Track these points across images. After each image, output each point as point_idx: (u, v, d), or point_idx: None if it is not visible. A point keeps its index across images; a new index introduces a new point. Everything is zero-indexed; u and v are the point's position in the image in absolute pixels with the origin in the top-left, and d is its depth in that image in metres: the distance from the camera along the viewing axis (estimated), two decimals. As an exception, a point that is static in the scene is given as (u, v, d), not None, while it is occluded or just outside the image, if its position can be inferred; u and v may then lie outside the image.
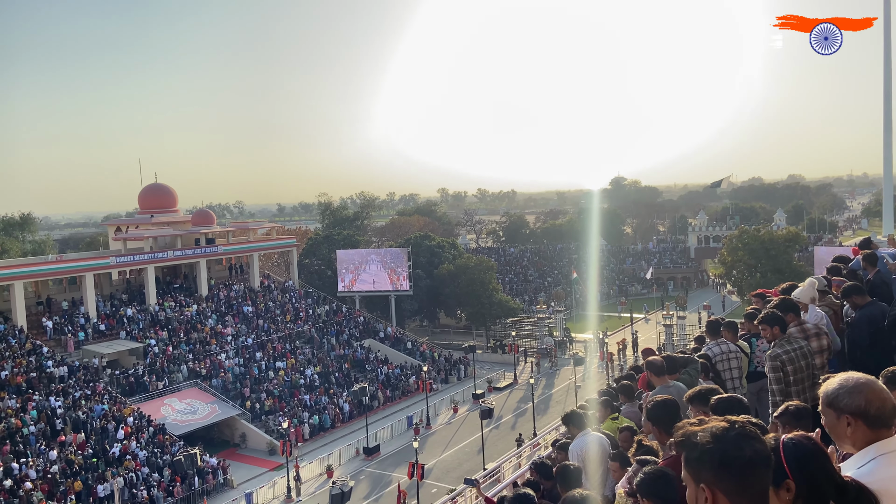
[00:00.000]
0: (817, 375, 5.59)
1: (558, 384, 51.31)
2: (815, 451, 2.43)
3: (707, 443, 2.04)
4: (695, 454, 2.06)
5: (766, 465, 2.04)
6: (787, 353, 5.70)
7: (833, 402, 2.72)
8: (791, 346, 5.78)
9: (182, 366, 42.89)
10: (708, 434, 2.05)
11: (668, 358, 7.29)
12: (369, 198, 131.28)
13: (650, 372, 7.50)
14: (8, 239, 69.48)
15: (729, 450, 2.00)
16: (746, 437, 2.03)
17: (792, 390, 5.64)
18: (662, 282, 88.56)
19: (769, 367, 5.79)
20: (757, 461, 2.01)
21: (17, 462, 31.13)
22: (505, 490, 13.91)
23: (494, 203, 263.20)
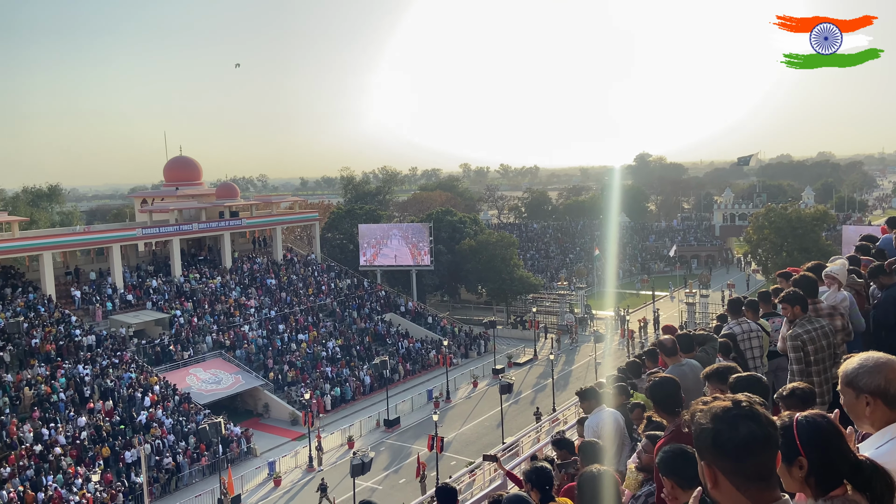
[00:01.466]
0: (839, 355, 5.53)
1: (578, 360, 51.36)
2: (829, 429, 2.41)
3: (706, 422, 2.05)
4: (696, 433, 2.08)
5: (764, 446, 2.02)
6: (807, 333, 5.63)
7: (852, 381, 2.70)
8: (812, 326, 5.71)
9: (207, 336, 43.64)
10: (707, 414, 2.06)
11: (684, 336, 7.26)
12: (391, 172, 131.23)
13: (661, 351, 7.49)
14: (36, 210, 70.77)
15: (723, 430, 2.00)
16: (744, 417, 2.01)
17: (812, 370, 5.58)
18: (686, 260, 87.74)
19: (790, 346, 5.73)
20: (752, 442, 2.00)
21: (46, 428, 32.08)
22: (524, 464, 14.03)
23: (517, 179, 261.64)
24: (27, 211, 64.88)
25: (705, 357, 6.91)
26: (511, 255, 63.55)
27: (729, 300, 9.04)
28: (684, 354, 6.79)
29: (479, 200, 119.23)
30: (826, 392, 5.53)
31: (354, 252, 64.50)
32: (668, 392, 4.43)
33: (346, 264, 61.56)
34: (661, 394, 4.44)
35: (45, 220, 68.91)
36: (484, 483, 22.54)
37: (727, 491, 2.02)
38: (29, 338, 37.32)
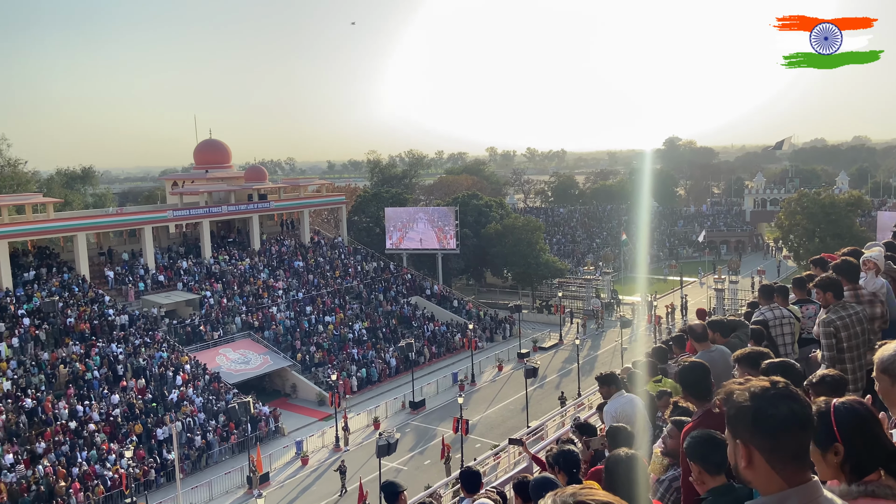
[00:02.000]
0: (873, 341, 5.44)
1: (604, 346, 51.17)
2: (867, 416, 2.40)
3: (744, 400, 2.05)
4: (732, 411, 2.08)
5: (803, 427, 2.03)
6: (841, 319, 5.54)
7: (888, 368, 2.67)
8: (846, 312, 5.62)
9: (236, 317, 44.32)
10: (746, 392, 2.06)
11: (718, 322, 7.19)
12: (418, 156, 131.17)
13: (691, 337, 7.43)
14: (70, 192, 72.12)
15: (764, 408, 2.00)
16: (784, 397, 2.02)
17: (846, 357, 5.50)
18: (715, 245, 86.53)
19: (822, 332, 5.66)
20: (792, 421, 2.00)
21: (81, 405, 32.97)
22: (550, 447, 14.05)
23: (543, 163, 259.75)
24: (61, 193, 66.15)
25: (738, 343, 6.84)
26: (537, 240, 63.30)
27: (760, 286, 8.93)
28: (716, 340, 6.73)
29: (505, 184, 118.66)
30: (860, 379, 5.46)
31: (381, 235, 64.78)
32: (699, 377, 4.40)
33: (372, 247, 61.89)
34: (691, 378, 4.41)
35: (78, 202, 70.27)
36: (508, 466, 22.70)
37: (762, 470, 2.02)
38: (64, 317, 38.27)
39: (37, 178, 72.44)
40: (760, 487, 2.06)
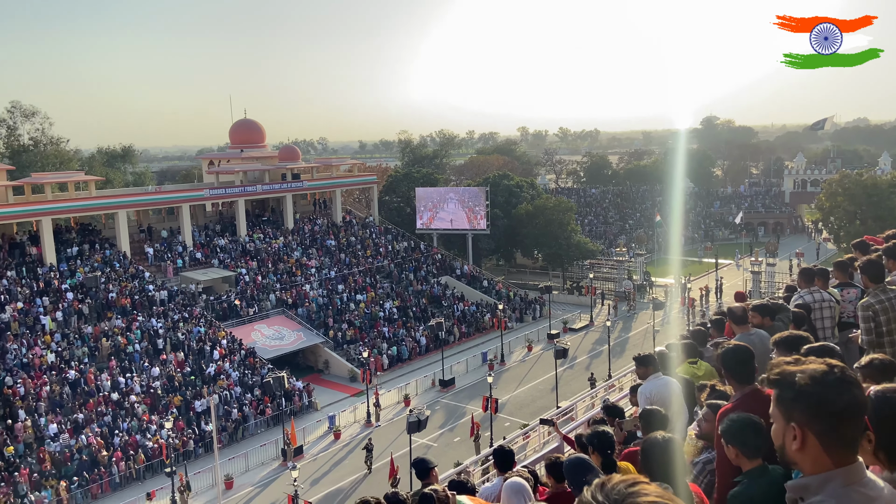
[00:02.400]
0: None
1: (636, 328, 50.85)
2: None
3: (805, 384, 2.01)
4: (790, 394, 2.04)
5: (862, 413, 2.03)
6: (880, 303, 5.51)
7: None
8: (886, 296, 5.57)
9: (270, 294, 45.10)
10: (807, 376, 2.02)
11: (763, 305, 7.14)
12: (449, 136, 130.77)
13: (730, 319, 7.39)
14: (111, 170, 73.65)
15: (828, 394, 1.98)
16: (846, 383, 2.00)
17: (885, 340, 5.47)
18: (752, 227, 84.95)
19: (861, 316, 5.62)
20: (854, 408, 2.00)
21: (123, 377, 34.01)
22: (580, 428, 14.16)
23: (576, 143, 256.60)
24: (102, 171, 67.63)
25: (780, 327, 6.79)
26: (568, 221, 62.87)
27: (801, 269, 8.82)
28: (764, 324, 6.69)
29: (536, 164, 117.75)
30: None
31: (411, 215, 64.99)
32: (742, 360, 4.37)
33: (403, 227, 62.16)
34: (734, 361, 4.39)
35: (119, 180, 71.80)
36: (538, 445, 22.85)
37: (814, 453, 2.02)
38: (106, 292, 39.37)
39: (78, 157, 74.10)
40: (806, 468, 2.06)
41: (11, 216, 40.52)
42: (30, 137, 66.96)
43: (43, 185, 43.78)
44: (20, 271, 38.91)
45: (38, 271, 39.47)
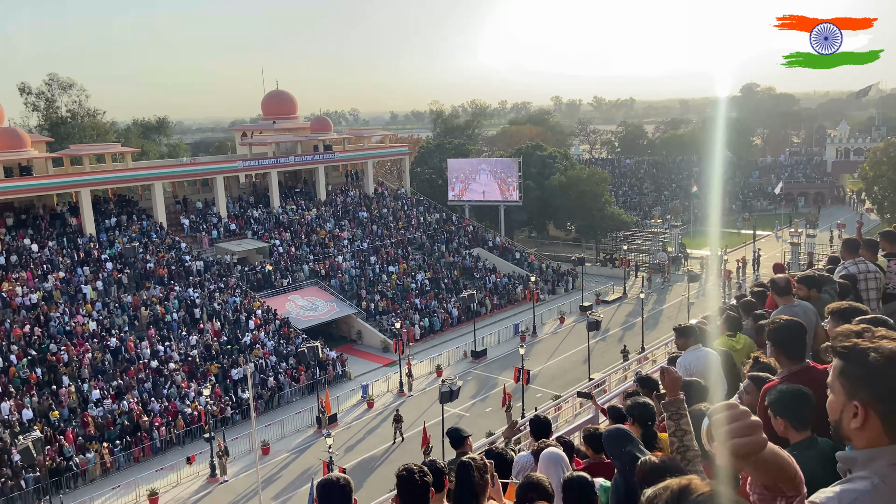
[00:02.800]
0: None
1: (670, 300, 50.26)
2: None
3: (879, 364, 1.88)
4: (860, 371, 1.91)
5: None
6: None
7: None
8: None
9: (304, 266, 45.57)
10: (882, 355, 1.88)
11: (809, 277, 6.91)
12: (481, 106, 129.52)
13: (773, 291, 7.18)
14: (146, 142, 74.74)
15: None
16: None
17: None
18: (792, 197, 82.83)
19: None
20: None
21: (162, 345, 34.84)
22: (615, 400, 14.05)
23: (611, 112, 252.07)
24: (138, 143, 68.65)
25: (826, 299, 6.56)
26: (602, 192, 62.04)
27: (845, 239, 8.52)
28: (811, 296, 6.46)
29: (570, 135, 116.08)
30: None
31: (443, 187, 64.77)
32: (795, 336, 4.20)
33: (434, 199, 62.03)
34: (788, 337, 4.21)
35: (154, 152, 72.85)
36: (570, 417, 22.84)
37: (874, 433, 1.92)
38: (144, 262, 40.19)
39: (115, 129, 75.23)
40: (859, 443, 1.96)
41: (52, 187, 41.43)
42: (67, 110, 68.15)
43: (81, 156, 44.60)
44: (61, 242, 39.89)
45: (79, 242, 40.42)
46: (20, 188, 39.65)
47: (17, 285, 35.39)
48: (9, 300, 34.43)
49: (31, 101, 67.33)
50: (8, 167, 39.78)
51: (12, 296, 34.68)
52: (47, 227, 40.82)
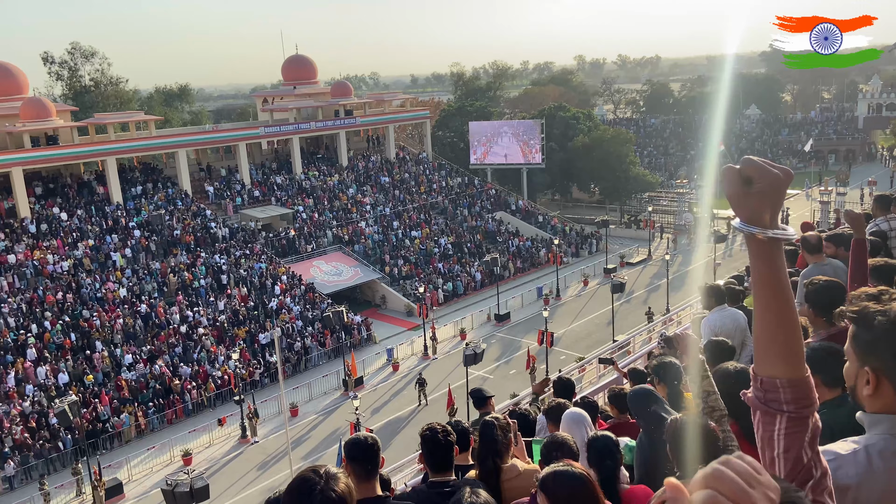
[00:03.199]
0: None
1: (696, 261, 49.76)
2: None
3: (886, 328, 1.81)
4: (868, 336, 1.84)
5: None
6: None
7: None
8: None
9: (327, 231, 45.84)
10: (889, 319, 1.81)
11: (837, 235, 6.77)
12: (502, 67, 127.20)
13: (804, 249, 7.06)
14: (169, 110, 75.08)
15: None
16: None
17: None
18: (823, 155, 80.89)
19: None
20: None
21: (190, 311, 35.49)
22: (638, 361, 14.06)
23: (636, 70, 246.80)
24: (161, 111, 69.02)
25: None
26: (627, 153, 61.12)
27: (876, 195, 8.30)
28: (839, 254, 6.34)
29: (594, 95, 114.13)
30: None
31: (465, 150, 64.30)
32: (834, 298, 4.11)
33: (456, 162, 61.66)
34: (827, 299, 4.11)
35: (177, 120, 73.26)
36: (594, 378, 22.92)
37: (887, 398, 1.88)
38: (170, 229, 40.73)
39: (137, 97, 75.62)
40: (871, 407, 1.92)
41: (79, 156, 41.91)
42: (90, 79, 68.55)
43: (106, 125, 44.98)
44: (89, 210, 40.52)
45: (106, 210, 41.02)
46: (48, 157, 40.18)
47: (48, 253, 36.14)
48: (41, 268, 35.22)
49: (55, 70, 67.83)
50: (35, 137, 40.27)
51: (44, 263, 35.46)
52: (75, 196, 41.44)
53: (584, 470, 2.59)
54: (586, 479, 2.52)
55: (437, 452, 3.68)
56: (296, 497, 2.20)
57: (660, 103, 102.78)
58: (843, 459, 1.84)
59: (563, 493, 2.46)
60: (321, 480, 2.22)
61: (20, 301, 33.06)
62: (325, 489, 2.19)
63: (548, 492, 2.49)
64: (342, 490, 2.23)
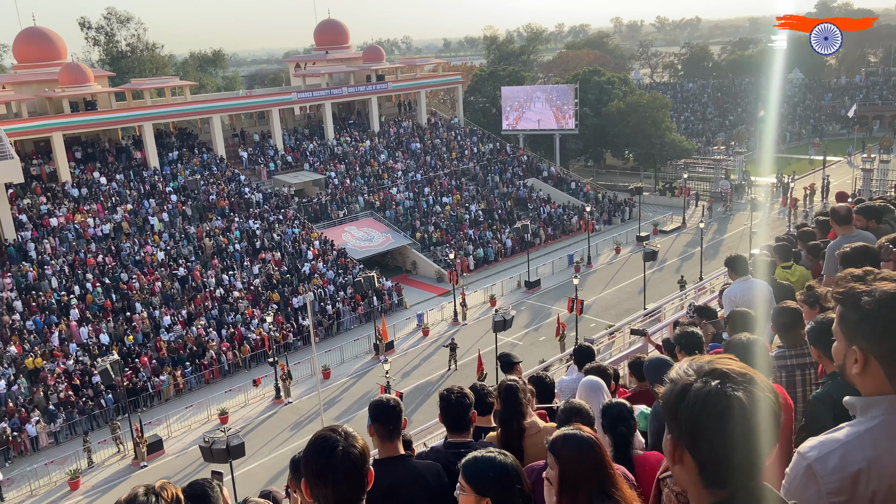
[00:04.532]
0: None
1: (731, 230, 48.95)
2: None
3: (871, 308, 1.84)
4: (854, 316, 1.88)
5: None
6: None
7: None
8: None
9: (359, 197, 46.12)
10: (874, 299, 1.84)
11: (868, 207, 6.65)
12: (536, 30, 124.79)
13: (833, 219, 6.97)
14: (203, 75, 75.63)
15: (894, 319, 1.82)
16: None
17: None
18: (867, 121, 78.17)
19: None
20: None
21: (226, 274, 36.25)
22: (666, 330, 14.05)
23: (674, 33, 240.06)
24: (195, 76, 69.57)
25: (886, 230, 6.32)
26: (663, 118, 59.88)
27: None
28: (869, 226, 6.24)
29: (630, 58, 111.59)
30: None
31: (497, 116, 63.69)
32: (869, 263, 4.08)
33: (488, 128, 61.16)
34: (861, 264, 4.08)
35: (211, 85, 73.81)
36: (623, 345, 22.94)
37: (875, 378, 1.88)
38: (206, 194, 41.40)
39: (172, 62, 76.23)
40: (864, 389, 1.93)
41: (117, 122, 42.66)
42: (126, 44, 69.26)
43: (142, 90, 45.59)
44: (128, 175, 41.36)
45: (144, 174, 41.82)
46: (87, 122, 40.98)
47: (88, 217, 37.12)
48: (82, 231, 36.22)
49: (92, 35, 68.65)
50: (73, 102, 41.04)
51: (85, 227, 36.45)
52: (114, 161, 42.30)
53: (592, 434, 2.68)
54: (594, 442, 2.62)
55: (452, 413, 3.82)
56: (318, 455, 2.29)
57: (699, 67, 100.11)
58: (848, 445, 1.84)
59: (571, 455, 2.57)
60: (342, 439, 2.33)
61: (63, 263, 34.14)
62: (346, 447, 2.30)
63: (556, 454, 2.60)
64: (362, 446, 2.36)
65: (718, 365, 1.63)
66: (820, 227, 8.78)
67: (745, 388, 1.57)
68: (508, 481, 2.54)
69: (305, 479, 2.33)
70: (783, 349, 4.57)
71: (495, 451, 2.66)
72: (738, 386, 1.58)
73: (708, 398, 1.57)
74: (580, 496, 2.50)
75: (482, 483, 2.54)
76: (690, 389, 1.61)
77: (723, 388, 1.57)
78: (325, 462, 2.27)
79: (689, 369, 1.66)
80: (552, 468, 2.61)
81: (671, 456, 1.70)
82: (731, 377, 1.59)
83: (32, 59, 43.91)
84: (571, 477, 2.53)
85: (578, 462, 2.55)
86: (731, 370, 1.61)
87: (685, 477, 1.68)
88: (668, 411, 1.68)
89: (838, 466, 1.80)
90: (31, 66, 43.59)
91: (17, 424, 25.94)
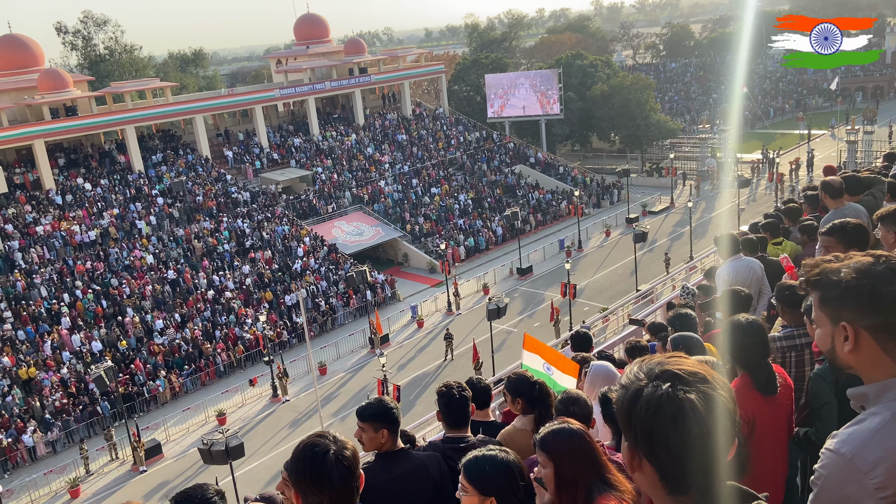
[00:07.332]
0: None
1: (719, 207, 49.15)
2: None
3: (852, 278, 1.83)
4: (835, 293, 1.86)
5: None
6: None
7: None
8: None
9: (346, 192, 45.93)
10: (852, 269, 1.84)
11: (851, 177, 6.66)
12: (517, 16, 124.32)
13: (824, 193, 6.97)
14: (184, 75, 74.86)
15: (878, 285, 1.80)
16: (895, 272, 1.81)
17: None
18: (849, 93, 78.46)
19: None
20: None
21: (216, 275, 36.06)
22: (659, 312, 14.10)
23: (655, 13, 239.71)
24: (176, 76, 68.85)
25: (872, 202, 6.33)
26: (647, 99, 59.88)
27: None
28: (850, 197, 6.25)
29: (612, 41, 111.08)
30: None
31: (482, 104, 63.49)
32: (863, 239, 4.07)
33: (473, 117, 60.98)
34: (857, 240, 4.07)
35: (192, 85, 73.05)
36: (617, 328, 23.04)
37: (870, 353, 1.84)
38: (192, 195, 41.10)
39: (152, 63, 75.41)
40: (865, 373, 1.88)
41: (98, 126, 42.16)
42: (105, 47, 68.44)
43: (123, 93, 45.09)
44: (112, 179, 40.97)
45: (129, 178, 41.44)
46: (69, 128, 40.51)
47: (74, 224, 36.78)
48: (69, 238, 35.89)
49: (69, 40, 67.78)
50: (54, 108, 40.55)
51: (71, 234, 36.11)
52: (97, 166, 41.88)
53: (581, 426, 2.64)
54: (584, 434, 2.58)
55: (452, 409, 3.80)
56: (309, 462, 2.26)
57: (680, 46, 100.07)
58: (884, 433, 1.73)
59: (562, 449, 2.53)
60: (332, 443, 2.30)
61: (51, 271, 33.85)
62: (338, 451, 2.27)
63: (549, 451, 2.56)
64: (352, 449, 2.33)
65: (669, 366, 1.59)
66: (809, 201, 8.80)
67: (698, 388, 1.54)
68: (512, 479, 2.51)
69: (296, 491, 2.29)
70: (791, 328, 4.52)
71: (496, 449, 2.62)
72: (690, 387, 1.54)
73: (660, 402, 1.53)
74: (579, 489, 2.47)
75: (485, 482, 2.51)
76: (642, 394, 1.57)
77: (674, 392, 1.53)
78: (319, 468, 2.24)
79: (639, 373, 1.62)
80: (545, 467, 2.55)
81: (630, 464, 1.65)
82: (682, 378, 1.55)
83: (10, 66, 43.33)
84: (568, 472, 2.49)
85: (570, 455, 2.52)
86: (682, 370, 1.57)
87: (647, 485, 1.64)
88: (622, 418, 1.63)
89: (882, 458, 1.69)
90: (9, 73, 43.01)
91: (13, 435, 25.78)
